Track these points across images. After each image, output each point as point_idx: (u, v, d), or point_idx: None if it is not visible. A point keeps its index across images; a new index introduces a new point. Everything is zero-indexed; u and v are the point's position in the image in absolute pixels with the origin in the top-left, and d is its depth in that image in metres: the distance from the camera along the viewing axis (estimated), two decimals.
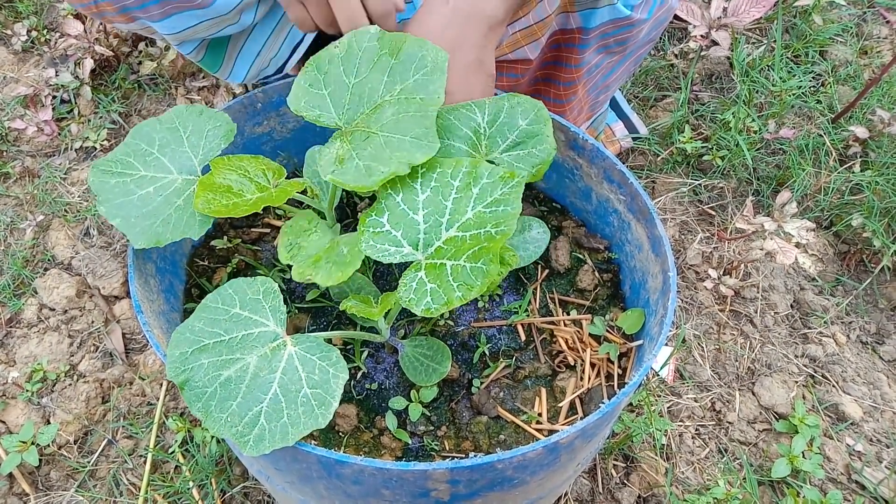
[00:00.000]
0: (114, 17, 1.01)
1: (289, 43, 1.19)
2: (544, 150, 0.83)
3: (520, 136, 0.84)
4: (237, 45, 1.18)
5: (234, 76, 1.22)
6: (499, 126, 0.84)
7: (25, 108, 1.63)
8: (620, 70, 1.25)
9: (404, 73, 0.79)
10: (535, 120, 0.84)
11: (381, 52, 0.80)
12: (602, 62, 1.19)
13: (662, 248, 0.83)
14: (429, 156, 0.74)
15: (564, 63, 1.17)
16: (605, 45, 1.14)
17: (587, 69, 1.18)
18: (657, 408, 1.25)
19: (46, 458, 1.19)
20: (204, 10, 1.01)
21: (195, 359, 0.71)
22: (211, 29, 1.07)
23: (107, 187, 0.81)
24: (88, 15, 1.16)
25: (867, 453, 1.22)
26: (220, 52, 1.18)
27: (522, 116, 0.84)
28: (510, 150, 0.84)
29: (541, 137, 0.83)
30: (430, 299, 0.68)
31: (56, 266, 1.41)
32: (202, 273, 0.96)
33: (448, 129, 0.84)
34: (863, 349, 1.37)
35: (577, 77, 1.19)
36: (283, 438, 0.67)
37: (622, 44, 1.15)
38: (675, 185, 1.55)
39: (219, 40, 1.16)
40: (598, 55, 1.17)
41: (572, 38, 1.12)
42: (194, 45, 1.14)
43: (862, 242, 1.46)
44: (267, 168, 0.81)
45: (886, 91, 1.65)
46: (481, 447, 0.83)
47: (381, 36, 0.81)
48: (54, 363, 1.27)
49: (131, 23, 1.03)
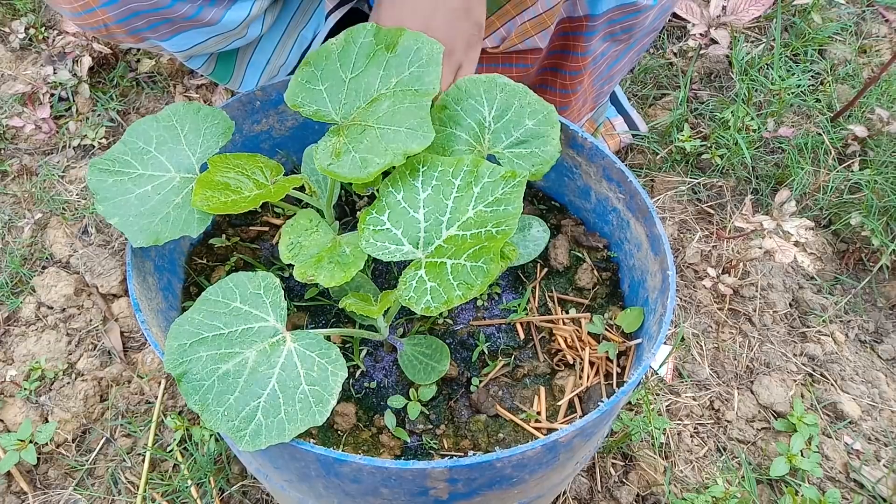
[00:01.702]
0: (124, 38, 1.01)
1: (297, 50, 1.19)
2: (547, 152, 0.83)
3: (525, 134, 0.84)
4: (246, 56, 1.18)
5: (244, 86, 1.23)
6: (505, 122, 0.84)
7: (23, 105, 1.63)
8: (625, 59, 1.26)
9: (400, 67, 0.79)
10: (543, 122, 0.84)
11: (377, 46, 0.80)
12: (608, 50, 1.19)
13: (661, 247, 0.83)
14: (423, 146, 0.74)
15: (571, 52, 1.17)
16: (612, 31, 1.14)
17: (593, 58, 1.18)
18: (656, 406, 1.25)
19: (44, 456, 1.19)
20: (212, 27, 1.01)
21: (194, 351, 0.70)
22: (219, 44, 1.07)
23: (105, 186, 0.81)
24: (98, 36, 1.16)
25: (865, 452, 1.22)
26: (229, 65, 1.19)
27: (530, 117, 0.84)
28: (513, 146, 0.84)
29: (546, 139, 0.84)
30: (430, 298, 0.68)
31: (54, 264, 1.40)
32: (201, 271, 0.96)
33: (453, 118, 0.84)
34: (861, 348, 1.37)
35: (584, 66, 1.19)
36: (279, 434, 0.67)
37: (628, 31, 1.15)
38: (674, 183, 1.55)
39: (227, 53, 1.16)
40: (605, 43, 1.17)
41: (580, 26, 1.13)
42: (203, 60, 1.14)
43: (861, 241, 1.46)
44: (265, 165, 0.81)
45: (885, 90, 1.65)
46: (480, 446, 0.82)
47: (377, 31, 0.81)
48: (52, 361, 1.27)
49: (141, 42, 1.03)
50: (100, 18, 0.96)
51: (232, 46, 1.10)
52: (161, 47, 1.05)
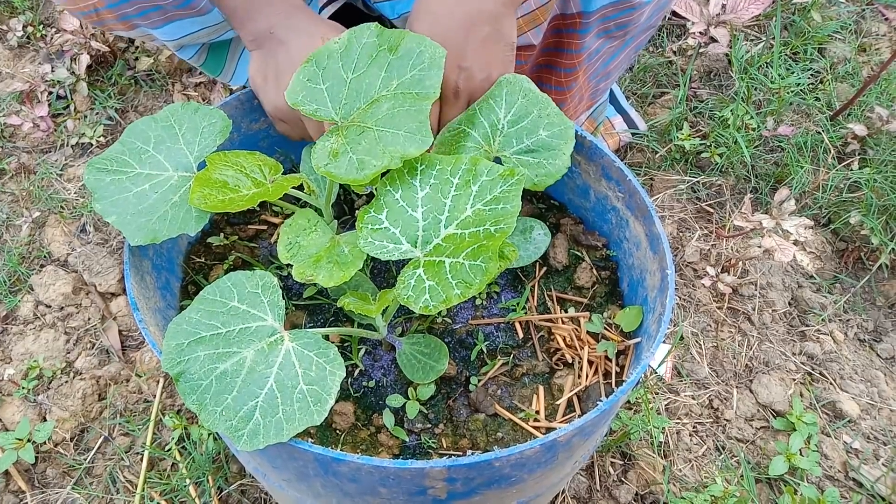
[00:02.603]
0: (114, 24, 1.01)
1: None
2: (555, 166, 0.83)
3: (536, 144, 0.84)
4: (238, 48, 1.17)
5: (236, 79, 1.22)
6: (518, 129, 0.84)
7: (21, 104, 1.62)
8: (621, 56, 1.25)
9: (402, 69, 0.79)
10: (558, 135, 0.84)
11: (380, 48, 0.80)
12: (602, 47, 1.19)
13: (660, 246, 0.82)
14: (421, 150, 0.74)
15: (565, 49, 1.17)
16: (606, 28, 1.14)
17: (588, 55, 1.18)
18: (655, 405, 1.25)
19: (43, 455, 1.19)
20: (203, 16, 1.01)
21: (191, 350, 0.70)
22: (211, 35, 1.07)
23: (102, 185, 0.80)
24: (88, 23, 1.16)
25: (864, 451, 1.22)
26: (221, 57, 1.18)
27: (546, 128, 0.84)
28: (522, 153, 0.84)
29: (556, 153, 0.84)
30: (429, 297, 0.67)
31: (52, 263, 1.40)
32: (199, 270, 0.96)
33: (469, 117, 0.85)
34: (860, 347, 1.37)
35: (578, 63, 1.18)
36: (277, 434, 0.67)
37: (623, 27, 1.14)
38: (674, 182, 1.55)
39: (220, 44, 1.16)
40: (599, 40, 1.17)
41: (573, 23, 1.12)
42: (195, 50, 1.13)
43: (860, 240, 1.46)
44: (263, 164, 0.81)
45: (885, 88, 1.65)
46: (479, 445, 0.82)
47: (380, 32, 0.81)
48: (50, 360, 1.27)
49: (132, 30, 1.03)
50: (91, 3, 0.96)
51: (224, 37, 1.09)
52: (153, 36, 1.04)
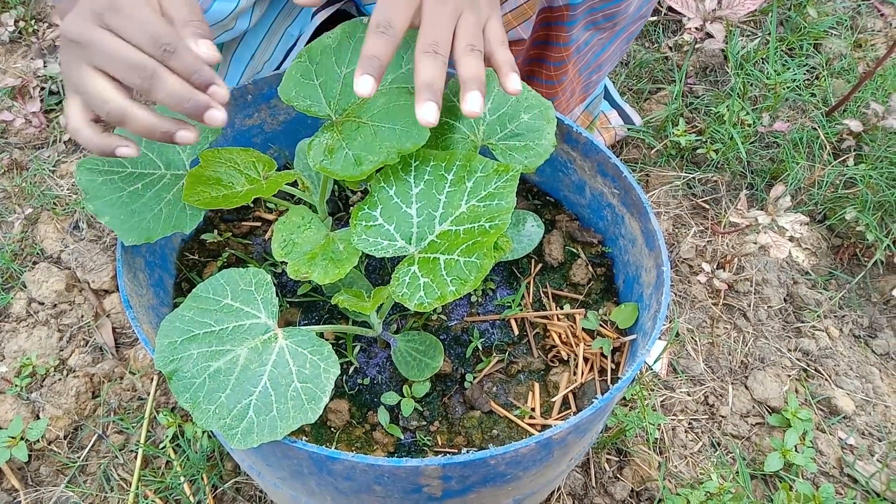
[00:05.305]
0: None
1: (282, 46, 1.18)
2: (542, 146, 0.83)
3: (520, 128, 0.84)
4: (230, 50, 1.16)
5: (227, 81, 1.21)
6: (500, 115, 0.85)
7: (13, 99, 1.61)
8: (612, 48, 1.25)
9: (395, 63, 0.78)
10: (539, 116, 0.85)
11: None
12: (592, 39, 1.19)
13: (656, 242, 0.82)
14: (418, 145, 0.74)
15: (553, 42, 1.17)
16: (594, 20, 1.14)
17: (576, 47, 1.18)
18: (650, 402, 1.25)
19: (36, 453, 1.18)
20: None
21: (184, 349, 0.70)
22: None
23: (94, 185, 0.80)
24: None
25: (859, 447, 1.23)
26: None
27: (527, 111, 0.85)
28: (507, 139, 0.84)
29: (541, 133, 0.84)
30: (424, 294, 0.67)
31: (45, 260, 1.39)
32: (192, 267, 0.95)
33: (450, 109, 0.84)
34: (855, 343, 1.38)
35: (567, 56, 1.18)
36: (271, 432, 0.67)
37: (611, 18, 1.14)
38: (669, 178, 1.55)
39: None
40: (587, 32, 1.17)
41: (560, 16, 1.12)
42: None
43: (855, 236, 1.46)
44: (257, 160, 0.81)
45: (880, 84, 1.65)
46: (474, 442, 0.82)
47: None
48: (43, 358, 1.26)
49: None
50: None
51: (219, 40, 1.08)
52: None
